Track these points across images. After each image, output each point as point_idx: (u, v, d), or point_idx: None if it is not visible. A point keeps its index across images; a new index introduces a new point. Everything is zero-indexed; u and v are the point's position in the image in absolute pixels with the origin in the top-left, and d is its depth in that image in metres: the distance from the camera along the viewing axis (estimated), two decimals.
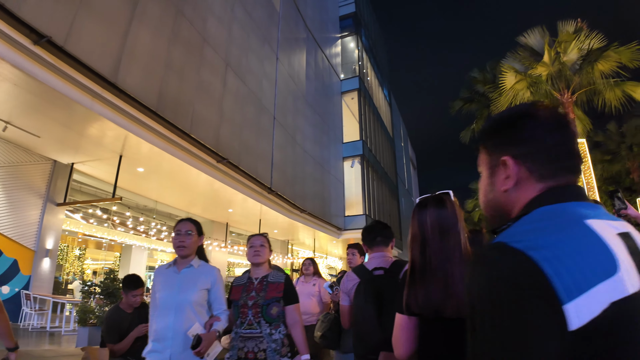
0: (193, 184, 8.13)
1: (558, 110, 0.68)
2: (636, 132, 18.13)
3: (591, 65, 10.12)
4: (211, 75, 7.99)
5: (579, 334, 0.46)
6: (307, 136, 14.05)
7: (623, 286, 0.49)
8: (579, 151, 0.66)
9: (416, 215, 1.30)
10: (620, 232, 0.57)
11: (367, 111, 20.46)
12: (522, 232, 0.55)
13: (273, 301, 2.08)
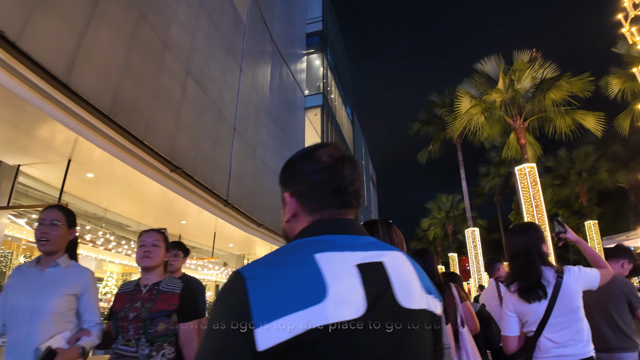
0: (146, 193, 7.93)
1: (331, 151, 0.78)
2: (585, 158, 19.38)
3: (543, 94, 10.68)
4: (170, 82, 7.97)
5: (266, 354, 0.53)
6: (267, 149, 14.19)
7: (325, 314, 0.55)
8: (348, 188, 0.76)
9: None
10: (364, 262, 0.65)
11: (330, 128, 21.08)
12: (259, 261, 0.63)
13: (160, 315, 1.70)
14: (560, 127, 10.96)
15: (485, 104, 11.11)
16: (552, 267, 1.88)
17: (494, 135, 11.92)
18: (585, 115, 10.92)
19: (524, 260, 1.89)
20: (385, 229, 1.45)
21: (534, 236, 1.93)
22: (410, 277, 0.71)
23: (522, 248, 1.92)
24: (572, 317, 1.80)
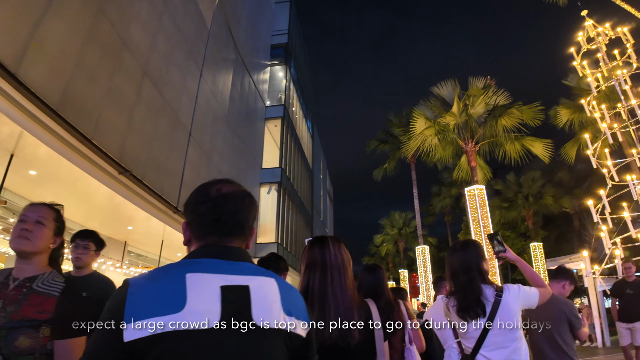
0: (91, 195, 7.62)
1: (219, 187, 0.93)
2: (532, 183, 20.51)
3: (495, 120, 11.30)
4: (125, 82, 7.84)
5: (130, 345, 0.70)
6: (224, 157, 14.13)
7: (180, 321, 0.72)
8: (229, 219, 0.90)
9: (314, 248, 1.54)
10: (228, 284, 0.81)
11: (289, 140, 21.38)
12: (145, 274, 0.81)
13: (24, 326, 1.22)
14: (509, 152, 11.62)
15: (440, 126, 11.67)
16: (492, 285, 1.90)
17: (447, 156, 12.61)
18: (534, 141, 11.56)
19: (463, 278, 1.92)
20: (336, 246, 1.53)
21: (474, 254, 1.97)
22: (272, 301, 0.85)
23: (462, 265, 1.95)
24: (510, 336, 1.82)
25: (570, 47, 8.37)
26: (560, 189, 20.02)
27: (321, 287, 1.45)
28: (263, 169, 19.06)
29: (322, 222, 33.61)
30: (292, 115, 23.01)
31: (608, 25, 7.74)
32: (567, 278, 3.11)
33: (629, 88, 6.96)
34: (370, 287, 2.23)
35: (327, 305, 1.41)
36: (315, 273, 1.47)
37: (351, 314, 1.42)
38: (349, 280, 1.49)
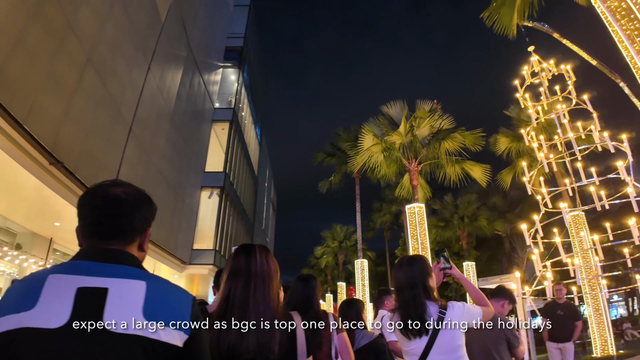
0: (19, 185, 7.02)
1: (101, 189, 0.95)
2: (468, 205, 21.70)
3: (439, 142, 11.85)
4: (67, 67, 7.47)
5: None
6: (165, 157, 13.70)
7: (28, 320, 0.76)
8: (107, 222, 0.93)
9: (239, 256, 1.49)
10: (85, 286, 0.83)
11: (236, 145, 21.22)
12: (29, 274, 0.88)
13: None
14: (450, 174, 12.25)
15: (386, 144, 12.13)
16: (437, 302, 1.89)
17: (390, 174, 13.17)
18: (474, 166, 12.33)
19: (408, 294, 1.90)
20: (263, 255, 1.50)
21: (420, 269, 1.95)
22: (132, 304, 0.84)
23: (407, 281, 1.93)
24: (452, 355, 1.81)
25: (514, 80, 8.76)
26: (494, 213, 21.35)
27: (243, 297, 1.39)
28: (206, 172, 18.67)
29: (263, 231, 33.38)
30: (241, 119, 22.91)
31: (552, 62, 8.25)
32: (506, 297, 3.23)
33: (566, 122, 7.44)
34: (301, 297, 2.24)
35: (247, 316, 1.36)
36: (237, 282, 1.42)
37: (273, 326, 1.38)
38: (273, 291, 1.45)
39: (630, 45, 5.04)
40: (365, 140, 12.33)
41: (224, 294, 1.43)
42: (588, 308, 9.15)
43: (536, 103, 8.32)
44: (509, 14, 8.86)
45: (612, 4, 5.30)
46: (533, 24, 9.34)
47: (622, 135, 6.57)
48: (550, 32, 9.41)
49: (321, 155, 19.46)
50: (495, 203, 21.98)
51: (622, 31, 5.15)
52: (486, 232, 21.09)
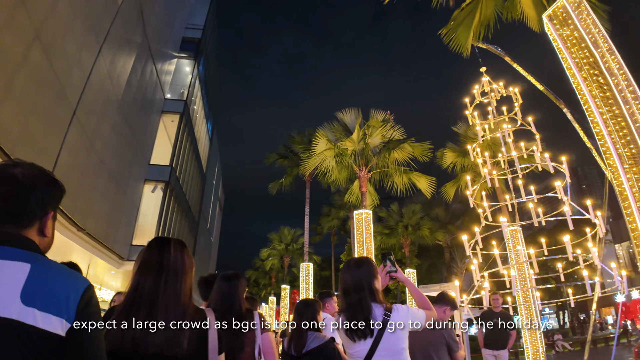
0: None
1: None
2: (413, 215, 22.63)
3: (389, 152, 12.41)
4: (13, 41, 7.06)
5: None
6: (109, 145, 13.11)
7: None
8: (8, 206, 0.91)
9: (152, 249, 1.48)
10: None
11: (185, 138, 20.69)
12: None
13: None
14: (397, 183, 12.86)
15: (339, 150, 12.53)
16: (382, 305, 1.91)
17: (341, 179, 13.58)
18: (420, 177, 12.90)
19: (355, 296, 1.91)
20: (178, 249, 1.48)
21: (367, 272, 1.96)
22: (11, 289, 0.81)
23: (354, 283, 1.94)
24: (396, 357, 1.84)
25: (465, 97, 8.89)
26: (437, 223, 22.62)
27: (152, 290, 1.38)
28: (151, 165, 17.99)
29: (208, 230, 32.58)
30: (193, 113, 22.39)
31: (502, 83, 8.59)
32: (448, 304, 3.37)
33: (511, 141, 7.72)
34: (224, 296, 2.25)
35: (155, 310, 1.34)
36: (148, 274, 1.41)
37: (182, 322, 1.36)
38: (186, 286, 1.44)
39: (577, 73, 5.34)
40: (319, 144, 12.56)
41: (132, 286, 1.41)
42: (522, 318, 9.57)
43: (483, 121, 8.59)
44: (465, 33, 9.16)
45: (564, 32, 5.61)
46: (487, 46, 9.78)
47: (562, 157, 6.86)
48: (502, 55, 9.83)
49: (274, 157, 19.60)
50: (438, 214, 23.29)
51: (571, 59, 5.45)
52: (428, 241, 22.19)
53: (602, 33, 5.30)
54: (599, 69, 5.16)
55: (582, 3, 5.57)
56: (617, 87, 4.94)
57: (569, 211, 6.21)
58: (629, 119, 4.73)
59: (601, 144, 5.10)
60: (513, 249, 9.94)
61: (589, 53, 5.27)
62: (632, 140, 4.66)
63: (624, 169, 4.71)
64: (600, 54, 5.18)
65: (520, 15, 8.74)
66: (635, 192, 4.54)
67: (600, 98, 5.05)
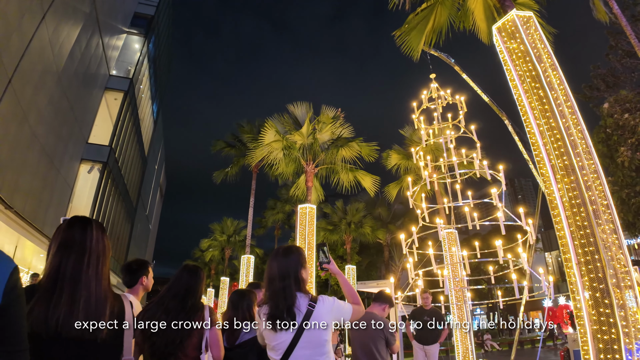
0: None
1: None
2: (356, 213, 23.36)
3: (337, 149, 12.77)
4: None
5: None
6: (43, 119, 12.39)
7: None
8: None
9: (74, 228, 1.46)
10: None
11: (128, 119, 19.88)
12: None
13: None
14: (343, 180, 13.27)
15: (287, 142, 12.59)
16: (308, 295, 1.87)
17: (288, 173, 13.73)
18: (365, 176, 13.29)
19: (279, 284, 1.86)
20: (99, 231, 1.48)
21: (295, 260, 1.93)
22: None
23: (280, 271, 1.89)
24: (318, 350, 1.79)
25: (413, 102, 9.09)
26: (378, 222, 23.58)
27: (75, 272, 1.37)
28: (88, 144, 17.12)
29: (146, 217, 31.31)
30: (138, 93, 21.52)
31: (449, 91, 8.78)
32: (387, 302, 3.72)
33: (452, 147, 7.96)
34: (185, 286, 2.29)
35: (78, 292, 1.34)
36: (70, 255, 1.39)
37: (103, 306, 1.38)
38: (106, 270, 1.46)
39: (520, 85, 5.55)
40: (267, 134, 12.55)
41: (52, 267, 1.38)
42: (453, 317, 10.08)
43: (428, 126, 8.83)
44: (417, 38, 9.41)
45: (511, 45, 5.83)
46: (438, 54, 10.05)
47: (499, 166, 7.16)
48: (451, 64, 10.08)
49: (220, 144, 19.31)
50: (380, 213, 24.31)
51: (515, 71, 5.65)
52: (369, 239, 23.09)
53: (547, 49, 5.56)
54: (540, 82, 5.37)
55: (531, 19, 5.84)
56: (555, 101, 5.18)
57: (502, 217, 6.42)
58: (564, 132, 4.94)
59: (536, 154, 5.28)
60: (448, 250, 10.55)
61: (532, 67, 5.49)
62: (566, 153, 4.84)
63: (555, 179, 4.91)
64: (542, 69, 5.43)
65: (472, 26, 9.26)
66: (565, 202, 4.73)
67: (539, 110, 5.23)
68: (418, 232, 7.40)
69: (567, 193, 4.74)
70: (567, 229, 4.69)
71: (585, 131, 4.93)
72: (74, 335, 1.28)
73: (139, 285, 2.68)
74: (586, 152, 4.81)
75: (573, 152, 4.84)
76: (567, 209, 4.72)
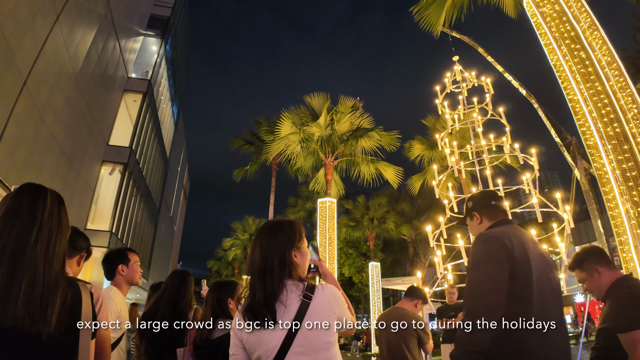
0: None
1: None
2: (379, 208, 22.69)
3: (356, 139, 12.18)
4: None
5: None
6: (61, 120, 12.54)
7: None
8: None
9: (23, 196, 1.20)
10: None
11: (148, 120, 20.10)
12: None
13: None
14: (364, 172, 12.69)
15: (304, 134, 12.11)
16: (302, 282, 1.40)
17: (307, 167, 13.30)
18: (387, 167, 12.65)
19: (260, 268, 1.39)
20: (55, 203, 1.22)
21: (286, 238, 1.47)
22: None
23: (262, 252, 1.42)
24: (320, 356, 1.31)
25: (436, 85, 8.58)
26: (402, 218, 22.87)
27: (18, 247, 1.09)
28: (109, 146, 17.37)
29: (170, 218, 31.80)
30: (157, 94, 21.76)
31: (474, 73, 8.33)
32: (420, 298, 3.47)
33: (480, 131, 7.46)
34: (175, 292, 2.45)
35: (19, 273, 1.07)
36: (14, 226, 1.11)
37: (52, 293, 1.10)
38: (60, 250, 1.18)
39: (557, 48, 5.08)
40: (284, 126, 11.99)
41: None
42: None
43: (453, 111, 8.40)
44: (437, 12, 9.01)
45: (544, 7, 5.37)
46: (460, 36, 9.63)
47: (531, 149, 6.71)
48: (475, 45, 9.63)
49: (239, 142, 19.17)
50: (403, 209, 23.58)
51: (551, 34, 5.21)
52: (393, 235, 22.39)
53: (584, 8, 5.04)
54: (580, 43, 4.82)
55: None
56: (599, 63, 4.61)
57: (537, 203, 5.95)
58: (612, 96, 4.39)
59: (580, 124, 4.73)
60: None
61: (570, 27, 4.98)
62: (616, 119, 4.24)
63: (605, 150, 4.35)
64: (582, 29, 4.90)
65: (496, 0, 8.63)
66: (618, 175, 4.14)
67: (581, 74, 4.69)
68: (445, 222, 7.04)
69: (618, 165, 4.12)
70: (622, 208, 4.12)
71: (635, 94, 4.26)
72: (9, 326, 1.02)
73: (119, 276, 2.40)
74: (637, 118, 4.12)
75: (624, 118, 4.17)
76: (620, 184, 4.12)
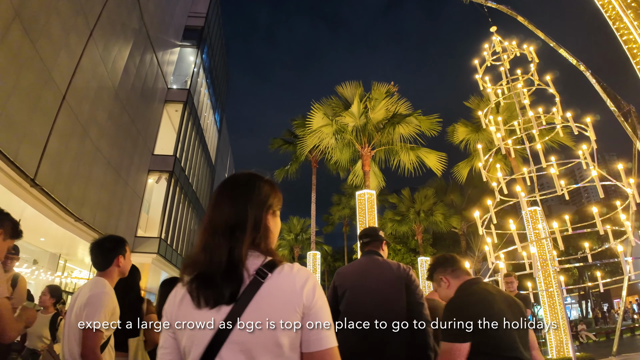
0: None
1: None
2: (425, 200, 21.57)
3: (393, 127, 11.26)
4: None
5: None
6: (105, 133, 13.01)
7: None
8: None
9: None
10: None
11: (190, 128, 20.59)
12: None
13: None
14: (404, 161, 11.74)
15: (338, 125, 11.33)
16: (264, 255, 0.99)
17: (344, 160, 12.56)
18: (429, 153, 11.73)
19: (220, 230, 0.97)
20: None
21: (255, 196, 1.04)
22: None
23: (226, 215, 0.99)
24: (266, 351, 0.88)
25: (475, 59, 8.00)
26: (451, 210, 21.54)
27: None
28: (154, 155, 17.97)
29: None
30: (198, 103, 22.28)
31: (514, 42, 7.73)
32: None
33: (527, 103, 6.79)
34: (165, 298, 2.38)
35: None
36: None
37: None
38: None
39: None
40: (315, 118, 11.35)
41: None
42: (543, 306, 8.51)
43: (495, 86, 7.78)
44: None
45: None
46: (497, 6, 9.15)
47: (586, 119, 6.04)
48: (514, 14, 9.11)
49: (278, 142, 19.09)
50: (452, 200, 22.21)
51: None
52: (442, 227, 21.06)
53: None
54: None
55: None
56: None
57: (596, 176, 5.30)
58: None
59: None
60: (532, 225, 8.75)
61: None
62: None
63: None
64: None
65: None
66: None
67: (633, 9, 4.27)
68: (495, 206, 6.38)
69: None
70: None
71: None
72: None
73: (114, 268, 2.15)
74: None
75: None
76: None
